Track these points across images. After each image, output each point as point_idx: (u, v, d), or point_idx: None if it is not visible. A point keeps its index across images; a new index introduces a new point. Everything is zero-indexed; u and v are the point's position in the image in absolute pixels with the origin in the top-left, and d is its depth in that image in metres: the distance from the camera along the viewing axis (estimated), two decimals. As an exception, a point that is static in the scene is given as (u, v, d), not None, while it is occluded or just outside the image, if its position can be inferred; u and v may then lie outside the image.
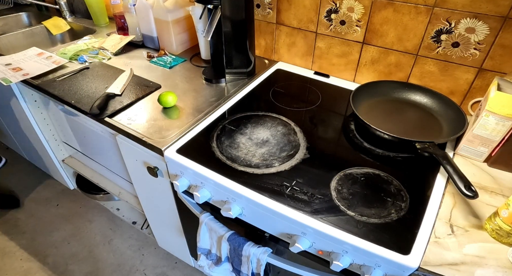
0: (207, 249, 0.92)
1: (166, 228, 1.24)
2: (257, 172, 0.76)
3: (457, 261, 0.59)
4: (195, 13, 1.13)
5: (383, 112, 0.93)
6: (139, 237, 1.58)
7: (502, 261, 0.59)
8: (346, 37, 1.04)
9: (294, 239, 0.70)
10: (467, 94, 0.93)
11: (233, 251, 0.83)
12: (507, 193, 0.72)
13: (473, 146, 0.79)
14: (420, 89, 0.95)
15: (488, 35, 0.82)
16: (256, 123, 0.91)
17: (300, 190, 0.72)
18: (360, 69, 1.08)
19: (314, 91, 1.07)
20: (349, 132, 0.90)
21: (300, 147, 0.83)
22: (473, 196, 0.63)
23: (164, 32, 1.23)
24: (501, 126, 0.73)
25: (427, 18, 0.88)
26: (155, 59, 1.22)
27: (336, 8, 1.00)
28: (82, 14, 1.61)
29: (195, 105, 0.99)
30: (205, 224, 0.87)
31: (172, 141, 0.85)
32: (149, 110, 0.97)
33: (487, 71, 0.87)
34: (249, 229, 0.79)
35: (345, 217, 0.66)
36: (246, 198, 0.72)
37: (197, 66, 1.20)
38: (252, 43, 1.09)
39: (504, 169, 0.78)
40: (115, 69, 1.15)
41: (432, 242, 0.62)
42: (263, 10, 1.14)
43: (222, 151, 0.82)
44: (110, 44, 1.28)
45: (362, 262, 0.63)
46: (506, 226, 0.60)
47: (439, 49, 0.90)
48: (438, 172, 0.77)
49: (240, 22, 1.00)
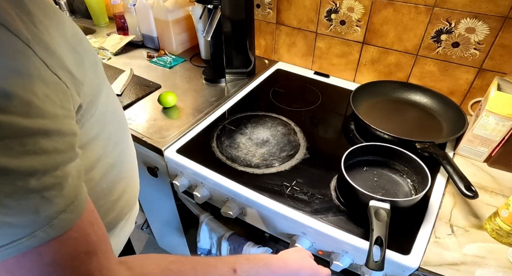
0: (207, 249, 0.92)
1: (166, 228, 1.24)
2: (257, 172, 0.76)
3: (457, 261, 0.59)
4: (195, 13, 1.13)
5: (383, 112, 0.93)
6: (139, 237, 1.58)
7: (502, 261, 0.60)
8: (346, 37, 1.04)
9: (294, 239, 0.70)
10: (467, 94, 0.93)
11: (233, 251, 0.83)
12: (507, 193, 0.72)
13: (473, 146, 0.79)
14: (420, 89, 0.95)
15: (488, 35, 0.82)
16: (256, 123, 0.91)
17: (300, 190, 0.72)
18: (360, 69, 1.08)
19: (314, 91, 1.07)
20: (349, 132, 0.90)
21: (300, 147, 0.83)
22: (473, 196, 0.63)
23: (164, 32, 1.23)
24: (501, 126, 0.73)
25: (427, 18, 0.88)
26: (155, 59, 1.22)
27: (336, 8, 1.00)
28: (82, 14, 1.61)
29: (195, 105, 0.99)
30: (205, 224, 0.87)
31: (172, 141, 0.85)
32: (149, 110, 0.97)
33: (487, 71, 0.87)
34: (249, 229, 0.79)
35: (345, 217, 0.66)
36: (246, 198, 0.72)
37: (197, 66, 1.20)
38: (252, 43, 1.09)
39: (504, 169, 0.78)
40: (115, 69, 1.15)
41: (432, 242, 0.62)
42: (263, 10, 1.14)
43: (222, 151, 0.82)
44: (110, 44, 1.28)
45: (362, 262, 0.63)
46: (506, 226, 0.60)
47: (439, 49, 0.90)
48: (438, 172, 0.77)
49: (240, 22, 1.00)
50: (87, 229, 0.29)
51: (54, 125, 0.27)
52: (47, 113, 0.27)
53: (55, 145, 0.27)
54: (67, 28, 0.32)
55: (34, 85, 0.26)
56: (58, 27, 0.30)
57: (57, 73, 0.28)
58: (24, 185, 0.25)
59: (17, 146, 0.24)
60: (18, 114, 0.25)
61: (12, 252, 0.24)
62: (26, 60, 0.26)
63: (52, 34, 0.29)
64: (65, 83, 0.30)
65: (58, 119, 0.28)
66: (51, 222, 0.26)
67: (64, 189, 0.28)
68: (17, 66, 0.25)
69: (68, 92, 0.30)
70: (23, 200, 0.25)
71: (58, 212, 0.27)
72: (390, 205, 0.60)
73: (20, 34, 0.25)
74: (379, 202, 0.60)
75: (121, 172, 0.48)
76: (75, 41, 0.33)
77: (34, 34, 0.27)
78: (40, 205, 0.26)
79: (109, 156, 0.44)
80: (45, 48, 0.27)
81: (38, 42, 0.27)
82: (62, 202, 0.27)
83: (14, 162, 0.24)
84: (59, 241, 0.27)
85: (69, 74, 0.30)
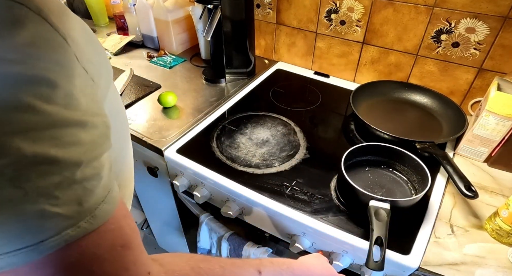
0: (207, 249, 0.92)
1: (166, 228, 1.24)
2: (257, 172, 0.76)
3: (457, 261, 0.59)
4: (195, 13, 1.13)
5: (383, 112, 0.93)
6: (139, 237, 1.58)
7: (502, 261, 0.60)
8: (346, 37, 1.04)
9: (294, 239, 0.70)
10: (467, 94, 0.93)
11: (233, 251, 0.83)
12: (507, 193, 0.72)
13: (473, 146, 0.79)
14: (420, 89, 0.95)
15: (488, 35, 0.82)
16: (256, 123, 0.91)
17: (300, 190, 0.72)
18: (360, 69, 1.08)
19: (314, 91, 1.07)
20: (349, 132, 0.90)
21: (300, 147, 0.83)
22: (473, 196, 0.63)
23: (164, 32, 1.23)
24: (501, 126, 0.73)
25: (427, 18, 0.88)
26: (155, 59, 1.22)
27: (336, 8, 1.00)
28: (82, 14, 1.61)
29: (195, 105, 0.99)
30: (205, 224, 0.87)
31: (172, 141, 0.85)
32: (149, 110, 0.97)
33: (487, 71, 0.87)
34: (249, 229, 0.79)
35: (345, 217, 0.66)
36: (246, 198, 0.72)
37: (197, 66, 1.20)
38: (252, 43, 1.09)
39: (504, 169, 0.78)
40: (115, 69, 1.15)
41: (432, 242, 0.62)
42: (263, 10, 1.14)
43: (222, 151, 0.82)
44: (110, 44, 1.28)
45: (362, 262, 0.63)
46: (506, 226, 0.60)
47: (439, 49, 0.90)
48: (438, 172, 0.77)
49: (240, 22, 1.00)
50: (121, 221, 0.29)
51: (88, 118, 0.28)
52: (83, 105, 0.27)
53: (91, 137, 0.28)
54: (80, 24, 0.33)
55: (74, 78, 0.27)
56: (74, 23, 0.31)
57: (85, 67, 0.29)
58: (71, 175, 0.25)
59: (63, 136, 0.25)
60: (62, 105, 0.25)
61: (59, 243, 0.24)
62: (65, 53, 0.26)
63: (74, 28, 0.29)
64: (91, 76, 0.30)
65: (91, 111, 0.29)
66: (93, 213, 0.26)
67: (102, 179, 0.28)
68: (60, 58, 0.26)
69: (94, 85, 0.31)
70: (69, 190, 0.25)
71: (99, 202, 0.27)
72: (390, 205, 0.60)
73: (58, 29, 0.26)
74: (379, 202, 0.60)
75: (120, 168, 0.48)
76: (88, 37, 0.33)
77: (66, 28, 0.27)
78: (83, 196, 0.26)
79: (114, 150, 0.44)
80: (74, 42, 0.28)
81: (69, 36, 0.28)
82: (101, 192, 0.27)
83: (61, 152, 0.24)
84: (99, 233, 0.27)
85: (92, 67, 0.31)
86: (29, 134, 0.23)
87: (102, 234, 0.27)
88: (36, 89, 0.24)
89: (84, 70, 0.29)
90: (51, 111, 0.24)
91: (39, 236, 0.23)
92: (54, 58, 0.25)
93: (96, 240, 0.27)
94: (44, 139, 0.24)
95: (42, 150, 0.23)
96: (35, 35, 0.24)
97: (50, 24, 0.26)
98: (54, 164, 0.24)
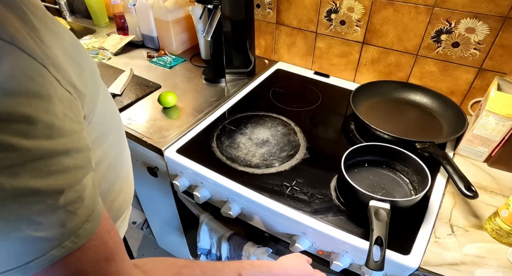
0: (207, 249, 0.92)
1: (166, 228, 1.24)
2: (257, 172, 0.76)
3: (457, 261, 0.59)
4: (195, 13, 1.13)
5: (383, 112, 0.93)
6: (139, 237, 1.58)
7: (502, 261, 0.60)
8: (346, 37, 1.04)
9: (294, 239, 0.70)
10: (467, 94, 0.93)
11: (233, 251, 0.83)
12: (507, 193, 0.72)
13: (473, 146, 0.79)
14: (420, 89, 0.95)
15: (488, 35, 0.82)
16: (256, 123, 0.91)
17: (300, 190, 0.72)
18: (360, 69, 1.08)
19: (314, 91, 1.07)
20: (349, 132, 0.90)
21: (300, 147, 0.83)
22: (473, 196, 0.63)
23: (164, 32, 1.23)
24: (501, 126, 0.73)
25: (427, 18, 0.88)
26: (155, 59, 1.22)
27: (336, 8, 1.00)
28: (82, 14, 1.61)
29: (195, 105, 0.99)
30: (205, 224, 0.87)
31: (172, 141, 0.85)
32: (149, 110, 0.97)
33: (487, 71, 0.87)
34: (249, 229, 0.79)
35: (345, 217, 0.66)
36: (246, 198, 0.72)
37: (197, 66, 1.20)
38: (252, 43, 1.09)
39: (504, 169, 0.78)
40: (115, 69, 1.15)
41: (432, 242, 0.62)
42: (263, 10, 1.14)
43: (222, 151, 0.82)
44: (110, 44, 1.28)
45: (362, 262, 0.63)
46: (506, 226, 0.60)
47: (439, 49, 0.90)
48: (438, 172, 0.77)
49: (240, 22, 1.00)
50: (105, 236, 0.31)
51: (73, 143, 0.29)
52: (66, 131, 0.28)
53: (75, 162, 0.28)
54: (66, 37, 0.32)
55: (54, 106, 0.27)
56: (58, 38, 0.30)
57: (67, 89, 0.29)
58: (54, 202, 0.26)
59: (44, 167, 0.25)
60: (42, 137, 0.25)
61: (44, 264, 0.26)
62: (44, 81, 0.26)
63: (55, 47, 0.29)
64: (74, 97, 0.30)
65: (76, 135, 0.29)
66: (77, 233, 0.27)
67: (84, 200, 0.29)
68: (38, 89, 0.25)
69: (79, 105, 0.31)
70: (52, 216, 0.26)
71: (82, 222, 0.28)
72: (390, 205, 0.60)
73: (36, 56, 0.26)
74: (379, 202, 0.60)
75: (119, 172, 0.48)
76: (74, 50, 0.33)
77: (44, 52, 0.27)
78: (66, 218, 0.27)
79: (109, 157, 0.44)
80: (54, 65, 0.28)
81: (49, 59, 0.27)
82: (84, 212, 0.29)
83: (43, 182, 0.25)
84: (82, 250, 0.28)
85: (74, 87, 0.30)
86: (8, 171, 0.23)
87: (86, 251, 0.28)
88: (13, 127, 0.24)
89: (67, 93, 0.29)
90: (31, 146, 0.24)
91: (25, 258, 0.25)
92: (32, 90, 0.25)
93: (80, 257, 0.28)
94: (25, 172, 0.24)
95: (22, 183, 0.24)
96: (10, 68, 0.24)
97: (26, 52, 0.25)
98: (35, 195, 0.25)
